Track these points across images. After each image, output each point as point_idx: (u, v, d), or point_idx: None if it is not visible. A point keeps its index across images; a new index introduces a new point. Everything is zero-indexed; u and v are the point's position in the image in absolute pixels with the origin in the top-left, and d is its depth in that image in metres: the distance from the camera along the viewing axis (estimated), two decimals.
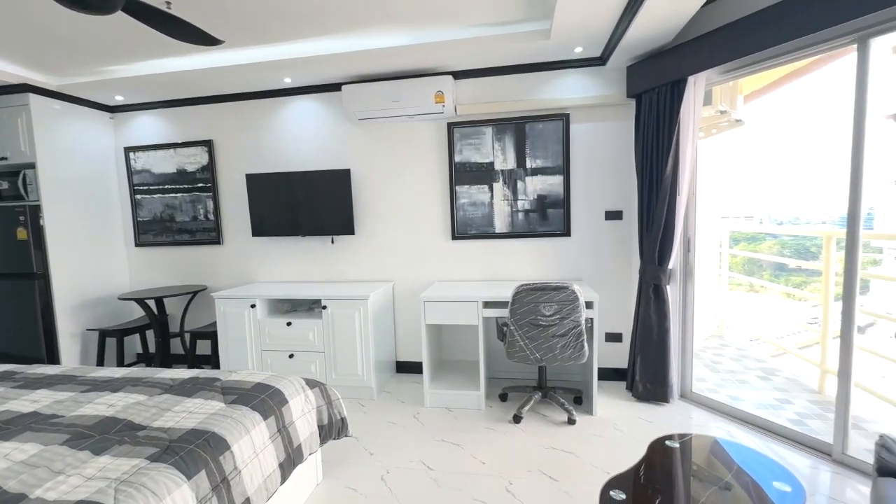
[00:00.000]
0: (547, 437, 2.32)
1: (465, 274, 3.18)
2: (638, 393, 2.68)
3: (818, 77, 3.07)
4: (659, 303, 2.58)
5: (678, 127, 2.40)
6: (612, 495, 1.18)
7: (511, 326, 2.40)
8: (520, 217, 3.05)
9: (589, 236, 2.99)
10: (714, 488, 1.24)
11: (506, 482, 1.95)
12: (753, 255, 7.06)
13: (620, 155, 2.89)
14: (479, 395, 2.67)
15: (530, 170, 3.00)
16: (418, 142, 3.14)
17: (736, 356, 3.69)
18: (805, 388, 2.99)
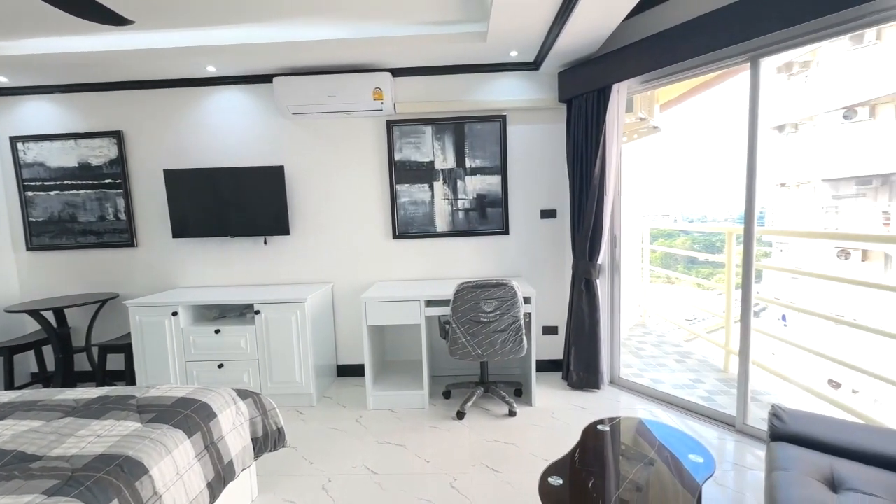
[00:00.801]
0: (489, 430, 2.38)
1: (407, 273, 3.16)
2: (572, 382, 2.84)
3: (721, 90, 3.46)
4: (590, 296, 2.75)
5: (604, 131, 2.57)
6: (550, 482, 1.24)
7: (453, 324, 2.43)
8: (460, 216, 3.09)
9: (526, 234, 3.10)
10: (640, 465, 1.34)
11: (451, 479, 1.97)
12: (669, 250, 7.72)
13: (554, 156, 3.03)
14: (422, 395, 2.67)
15: (470, 169, 3.05)
16: (357, 139, 3.06)
17: (656, 342, 4.04)
18: (713, 368, 3.35)
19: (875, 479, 1.23)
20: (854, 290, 8.85)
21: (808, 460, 1.33)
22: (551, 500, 1.17)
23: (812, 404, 2.77)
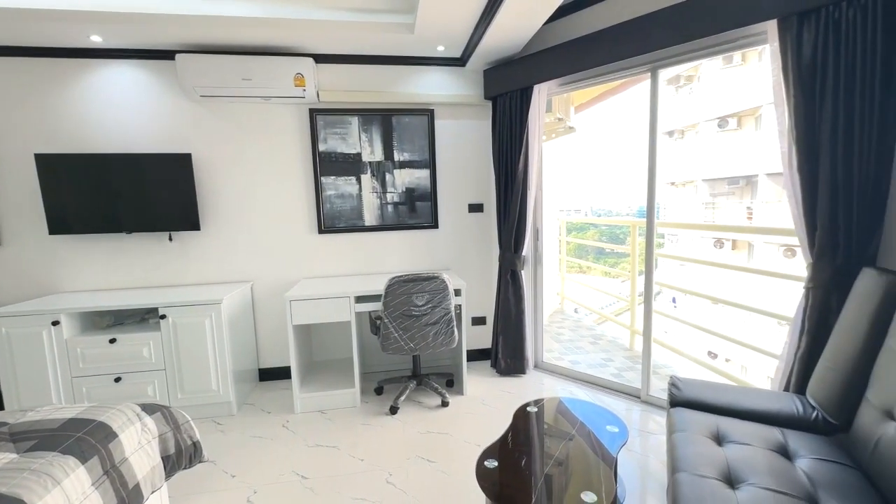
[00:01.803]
0: (423, 422, 2.40)
1: (335, 269, 3.05)
2: (501, 369, 2.97)
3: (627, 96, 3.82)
4: (516, 286, 2.89)
5: (527, 130, 2.70)
6: (486, 465, 1.29)
7: (385, 319, 2.40)
8: (389, 209, 3.05)
9: (455, 228, 3.16)
10: (563, 441, 1.45)
11: (386, 474, 1.95)
12: (582, 241, 8.37)
13: (480, 152, 3.12)
14: (354, 393, 2.61)
15: (398, 162, 3.02)
16: (277, 127, 2.86)
17: (573, 327, 4.38)
18: (621, 347, 3.73)
19: (749, 431, 1.47)
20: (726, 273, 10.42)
21: (700, 421, 1.54)
22: (487, 481, 1.22)
23: (697, 373, 3.22)
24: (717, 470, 1.28)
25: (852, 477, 1.24)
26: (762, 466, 1.28)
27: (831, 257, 1.71)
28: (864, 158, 1.62)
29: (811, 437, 1.44)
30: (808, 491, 1.19)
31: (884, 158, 1.62)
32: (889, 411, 1.24)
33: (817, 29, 1.66)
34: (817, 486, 1.20)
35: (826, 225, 1.69)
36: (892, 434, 1.19)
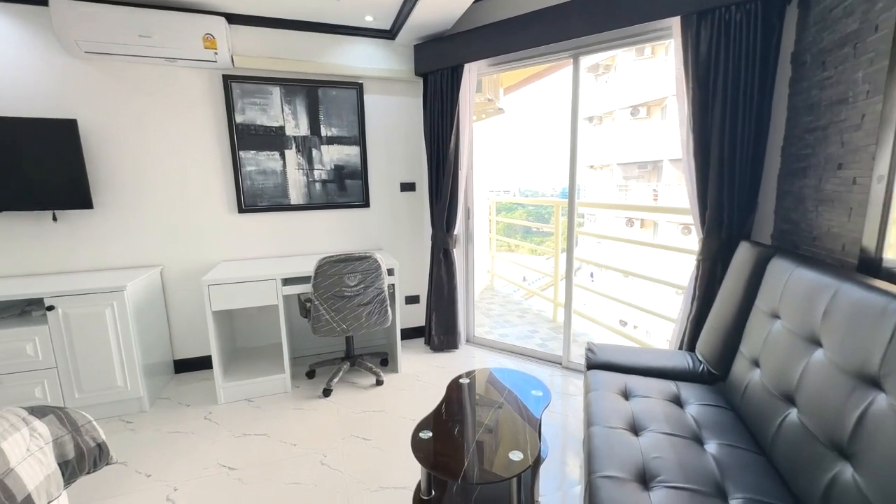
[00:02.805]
0: (358, 402, 2.40)
1: (259, 250, 2.87)
2: (434, 345, 3.05)
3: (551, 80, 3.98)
4: (448, 264, 2.95)
5: (458, 108, 2.71)
6: (420, 436, 1.33)
7: (315, 301, 2.32)
8: (317, 187, 2.91)
9: (386, 207, 3.12)
10: (493, 408, 1.54)
11: (321, 456, 1.93)
12: (510, 221, 8.69)
13: (412, 130, 3.07)
14: (283, 378, 2.51)
15: (326, 138, 2.88)
16: (186, 94, 2.57)
17: (502, 302, 4.59)
18: (546, 319, 4.00)
19: (650, 386, 1.67)
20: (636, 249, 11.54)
21: (611, 381, 1.73)
22: (422, 452, 1.26)
23: (610, 339, 3.57)
24: (624, 421, 1.45)
25: (728, 417, 1.47)
26: (660, 415, 1.47)
27: (717, 233, 1.97)
28: (744, 147, 1.86)
29: (698, 386, 1.68)
30: (694, 431, 1.39)
31: (759, 148, 1.88)
32: (755, 360, 1.49)
33: (712, 28, 1.85)
34: (701, 426, 1.41)
35: (714, 204, 1.94)
36: (757, 379, 1.43)
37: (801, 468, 1.10)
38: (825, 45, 1.60)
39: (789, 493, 1.12)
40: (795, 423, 1.18)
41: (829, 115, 1.57)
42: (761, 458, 1.26)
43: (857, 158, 1.42)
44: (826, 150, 1.58)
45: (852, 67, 1.45)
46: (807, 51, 1.71)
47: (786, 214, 1.84)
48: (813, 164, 1.65)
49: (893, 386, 0.91)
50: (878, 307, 1.01)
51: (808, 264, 1.39)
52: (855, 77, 1.43)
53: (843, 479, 0.95)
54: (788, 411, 1.22)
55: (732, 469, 1.20)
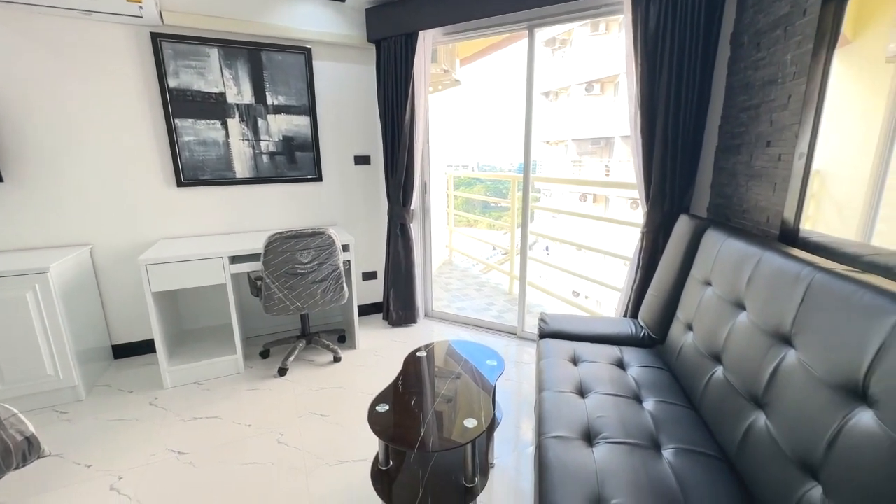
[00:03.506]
0: (315, 380, 2.37)
1: (202, 227, 2.69)
2: (393, 320, 3.05)
3: (508, 53, 3.94)
4: (405, 239, 2.92)
5: (413, 78, 2.63)
6: (377, 409, 1.34)
7: (267, 279, 2.24)
8: (265, 160, 2.75)
9: (340, 181, 3.01)
10: (449, 379, 1.58)
11: (277, 435, 1.91)
12: (469, 196, 8.71)
13: (365, 100, 2.95)
14: (235, 359, 2.43)
15: (272, 107, 2.70)
16: (107, 52, 2.30)
17: (461, 277, 4.66)
18: (503, 292, 4.10)
19: (597, 351, 1.78)
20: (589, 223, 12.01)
21: (561, 348, 1.81)
22: (379, 425, 1.28)
23: (564, 309, 3.73)
24: (572, 385, 1.54)
25: (664, 377, 1.60)
26: (605, 377, 1.57)
27: (660, 206, 2.07)
28: (687, 124, 1.95)
29: (640, 350, 1.81)
30: (634, 391, 1.50)
31: (699, 125, 1.98)
32: (689, 324, 1.61)
33: (661, 4, 1.89)
34: (641, 386, 1.53)
35: (658, 179, 2.04)
36: (690, 342, 1.56)
37: (724, 419, 1.22)
38: (761, 26, 1.68)
39: (714, 441, 1.24)
40: (721, 379, 1.30)
41: (761, 94, 1.67)
42: (691, 412, 1.39)
43: (782, 136, 1.53)
44: (757, 128, 1.68)
45: (783, 49, 1.54)
46: (744, 32, 1.80)
47: (721, 189, 1.97)
48: (746, 141, 1.77)
49: (802, 343, 1.02)
50: (793, 273, 1.11)
51: (736, 235, 1.50)
52: (784, 59, 1.53)
53: (758, 426, 1.07)
54: (715, 369, 1.35)
55: (666, 423, 1.31)
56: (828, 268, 1.04)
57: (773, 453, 0.99)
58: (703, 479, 1.08)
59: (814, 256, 1.19)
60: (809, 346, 0.99)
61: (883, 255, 1.13)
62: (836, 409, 0.85)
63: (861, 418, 0.80)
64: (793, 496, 0.89)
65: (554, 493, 1.05)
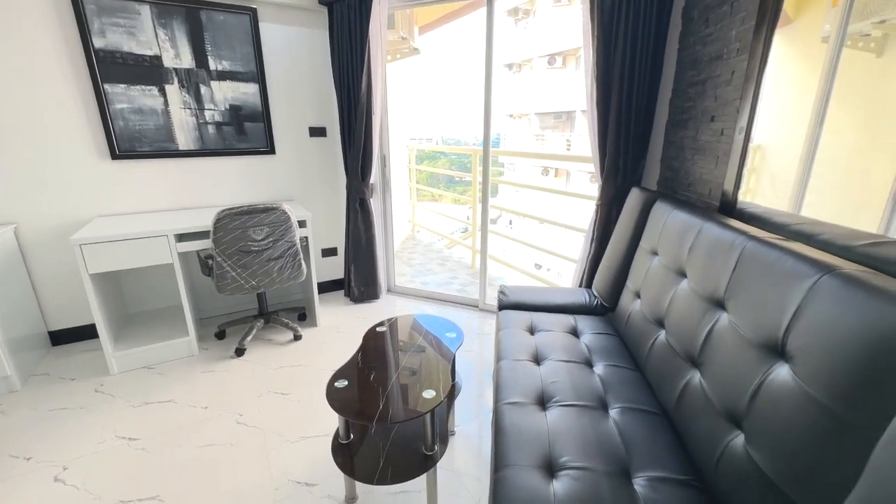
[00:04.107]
0: (275, 359, 2.33)
1: (144, 203, 2.51)
2: (354, 297, 3.02)
3: (472, 22, 3.83)
4: (365, 214, 2.86)
5: (369, 45, 2.51)
6: (336, 385, 1.34)
7: (218, 258, 2.14)
8: (211, 131, 2.58)
9: (295, 153, 2.88)
10: (409, 352, 1.60)
11: (236, 416, 1.87)
12: (433, 170, 8.62)
13: (319, 68, 2.80)
14: (188, 341, 2.34)
15: (216, 73, 2.51)
16: (15, 5, 2.03)
17: (424, 251, 4.65)
18: (465, 266, 4.15)
19: (553, 320, 1.85)
20: (551, 196, 12.24)
21: (520, 318, 1.87)
22: (337, 400, 1.28)
23: (526, 282, 3.83)
24: (529, 353, 1.59)
25: (614, 342, 1.68)
26: (559, 345, 1.64)
27: (614, 179, 2.13)
28: (640, 98, 2.00)
29: (593, 318, 1.89)
30: (586, 357, 1.58)
31: (652, 99, 2.02)
32: (638, 293, 1.70)
33: None
34: (592, 352, 1.61)
35: (612, 152, 2.09)
36: (638, 309, 1.65)
37: (665, 378, 1.31)
38: (709, 1, 1.72)
39: (656, 399, 1.34)
40: (663, 342, 1.39)
41: (708, 70, 1.72)
42: (637, 373, 1.48)
43: (725, 112, 1.60)
44: (703, 103, 1.75)
45: (728, 25, 1.58)
46: (695, 7, 1.83)
47: (669, 163, 2.04)
48: (693, 116, 1.83)
49: (733, 306, 1.10)
50: (728, 242, 1.18)
51: (681, 207, 1.58)
52: (729, 35, 1.57)
53: (693, 384, 1.16)
54: (659, 333, 1.43)
55: (614, 385, 1.40)
56: (758, 236, 1.12)
57: (705, 407, 1.07)
58: (644, 434, 1.17)
59: (747, 226, 1.27)
60: (739, 309, 1.06)
61: (807, 224, 1.22)
62: (759, 365, 0.93)
63: (779, 373, 0.88)
64: (720, 444, 0.98)
65: (508, 456, 1.10)
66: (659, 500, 0.97)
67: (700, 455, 1.05)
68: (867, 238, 1.04)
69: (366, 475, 1.30)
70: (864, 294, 0.76)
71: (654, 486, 1.00)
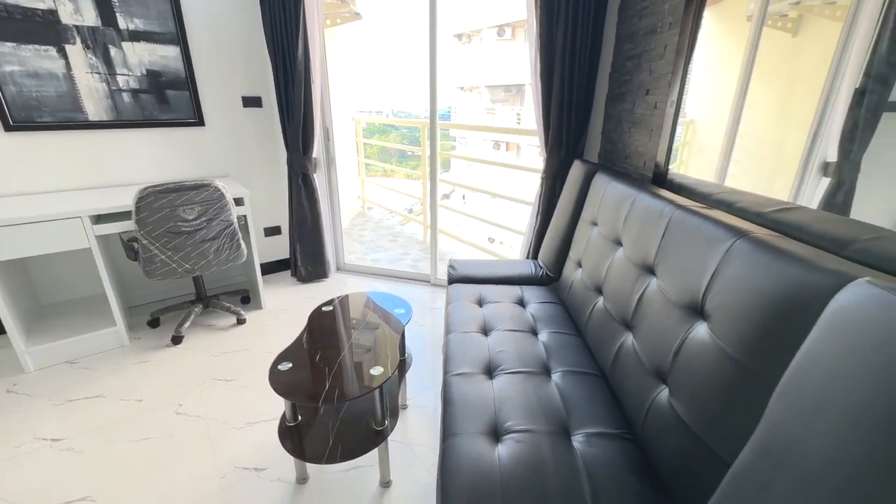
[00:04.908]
0: (216, 345, 2.22)
1: (50, 182, 2.24)
2: (301, 276, 2.92)
3: None
4: (309, 191, 2.73)
5: (303, 6, 2.33)
6: (279, 368, 1.30)
7: (143, 240, 1.96)
8: (126, 99, 2.31)
9: (228, 125, 2.66)
10: (357, 330, 1.57)
11: (174, 406, 1.78)
12: (384, 144, 8.38)
13: (250, 31, 2.57)
14: (116, 332, 2.16)
15: (128, 32, 2.23)
16: None
17: (375, 228, 4.57)
18: (417, 241, 4.12)
19: (501, 292, 1.89)
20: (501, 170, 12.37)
21: (468, 292, 1.89)
22: (281, 382, 1.24)
23: (477, 255, 3.88)
24: (477, 325, 1.62)
25: (558, 311, 1.75)
26: (506, 315, 1.68)
27: (558, 152, 2.17)
28: (581, 70, 2.02)
29: (538, 288, 1.95)
30: (531, 325, 1.63)
31: (593, 72, 2.06)
32: (579, 262, 1.76)
33: None
34: (537, 320, 1.67)
35: (556, 126, 2.12)
36: (579, 277, 1.72)
37: (603, 342, 1.39)
38: None
39: (595, 362, 1.42)
40: (601, 308, 1.46)
41: (643, 43, 1.77)
42: (578, 339, 1.55)
43: (659, 85, 1.66)
44: (639, 76, 1.80)
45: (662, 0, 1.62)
46: None
47: (609, 135, 2.11)
48: (630, 89, 1.89)
49: (661, 271, 1.17)
50: (657, 211, 1.25)
51: (619, 179, 1.64)
52: (663, 8, 1.61)
53: (626, 345, 1.24)
54: (597, 300, 1.51)
55: (556, 351, 1.46)
56: (684, 205, 1.19)
57: (636, 366, 1.15)
58: (583, 394, 1.24)
59: (676, 196, 1.34)
60: (667, 274, 1.13)
61: (727, 192, 1.32)
62: (682, 324, 1.01)
63: (698, 331, 0.95)
64: (648, 398, 1.06)
65: (455, 425, 1.12)
66: (595, 453, 1.03)
67: (632, 410, 1.13)
68: (777, 205, 1.13)
69: (315, 455, 1.28)
70: (771, 256, 0.83)
71: (590, 441, 1.07)
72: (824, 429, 0.56)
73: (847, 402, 0.54)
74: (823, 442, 0.56)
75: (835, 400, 0.56)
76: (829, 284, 0.68)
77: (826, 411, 0.57)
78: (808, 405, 0.60)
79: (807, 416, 0.60)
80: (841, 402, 0.55)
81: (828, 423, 0.56)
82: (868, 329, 0.56)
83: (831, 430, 0.55)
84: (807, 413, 0.60)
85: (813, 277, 0.73)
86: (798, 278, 0.75)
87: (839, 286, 0.66)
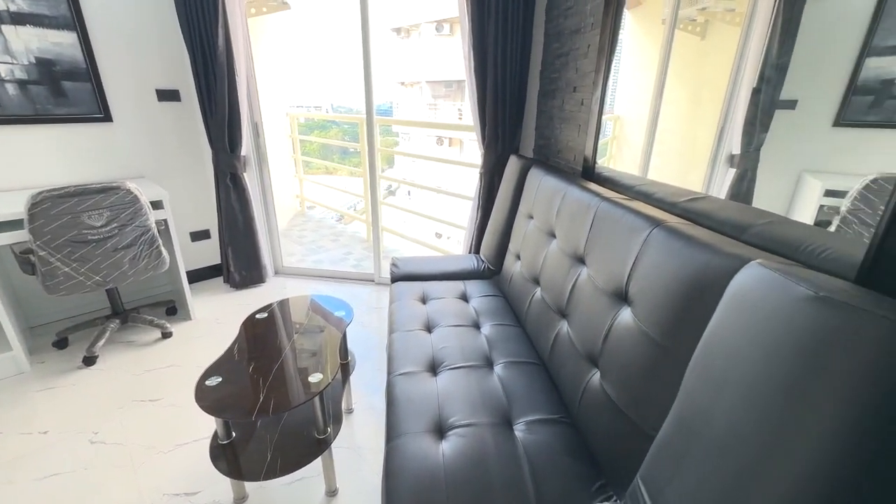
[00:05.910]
0: (138, 363, 2.02)
1: None
2: (235, 282, 2.74)
3: None
4: (239, 191, 2.57)
5: None
6: (206, 384, 1.20)
7: (41, 251, 1.73)
8: (11, 91, 2.02)
9: (141, 121, 2.42)
10: (294, 337, 1.50)
11: (89, 435, 1.60)
12: (324, 140, 8.11)
13: (162, 17, 2.34)
14: (13, 356, 1.89)
15: (10, 15, 1.95)
16: None
17: (315, 228, 4.40)
18: (361, 240, 4.03)
19: (444, 288, 1.89)
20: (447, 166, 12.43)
21: (412, 289, 1.88)
22: (208, 400, 1.15)
23: (422, 252, 3.87)
24: (420, 323, 1.61)
25: (500, 303, 1.79)
26: (450, 311, 1.69)
27: (495, 147, 2.21)
28: (513, 67, 2.06)
29: (481, 282, 1.98)
30: (474, 319, 1.65)
31: (524, 68, 2.11)
32: (518, 255, 1.81)
33: None
34: (480, 314, 1.69)
35: (491, 121, 2.15)
36: (518, 270, 1.76)
37: (541, 331, 1.44)
38: None
39: (535, 351, 1.46)
40: (539, 298, 1.51)
41: (570, 42, 1.84)
42: (519, 329, 1.60)
43: (584, 83, 1.74)
44: (567, 74, 1.87)
45: (584, 0, 1.69)
46: None
47: (542, 131, 2.18)
48: (559, 86, 1.96)
49: (591, 261, 1.22)
50: (586, 204, 1.31)
51: (551, 173, 1.70)
52: (585, 9, 1.69)
53: (562, 333, 1.29)
54: (535, 290, 1.56)
55: (498, 342, 1.49)
56: (608, 197, 1.25)
57: (571, 352, 1.20)
58: (524, 383, 1.27)
59: (602, 189, 1.42)
60: (595, 263, 1.19)
61: (647, 184, 1.41)
62: (609, 310, 1.06)
63: (623, 316, 1.01)
64: (582, 382, 1.11)
65: (399, 426, 1.11)
66: (535, 439, 1.07)
67: (568, 394, 1.19)
68: (688, 195, 1.22)
69: (252, 472, 1.21)
70: (682, 243, 0.90)
71: (531, 428, 1.10)
72: (728, 400, 0.62)
73: (744, 375, 0.60)
74: (728, 412, 0.61)
75: (735, 373, 0.62)
76: (729, 267, 0.75)
77: (728, 384, 0.62)
78: (714, 379, 0.66)
79: (714, 389, 0.65)
80: (740, 375, 0.61)
81: (730, 395, 0.61)
82: (759, 307, 0.62)
83: (733, 401, 0.61)
84: (713, 386, 0.66)
85: (716, 261, 0.79)
86: (703, 262, 0.81)
87: (737, 268, 0.72)
